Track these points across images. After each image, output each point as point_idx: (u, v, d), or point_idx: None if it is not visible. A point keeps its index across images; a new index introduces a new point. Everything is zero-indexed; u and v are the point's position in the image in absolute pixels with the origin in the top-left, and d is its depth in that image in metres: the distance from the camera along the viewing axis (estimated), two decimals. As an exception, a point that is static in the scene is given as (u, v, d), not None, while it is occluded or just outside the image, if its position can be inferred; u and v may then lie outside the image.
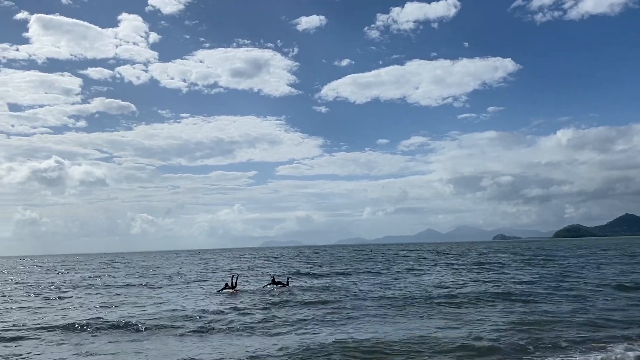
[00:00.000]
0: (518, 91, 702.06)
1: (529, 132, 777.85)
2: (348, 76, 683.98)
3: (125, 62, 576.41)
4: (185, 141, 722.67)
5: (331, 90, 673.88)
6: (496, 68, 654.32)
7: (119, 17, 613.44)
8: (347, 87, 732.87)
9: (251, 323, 18.52)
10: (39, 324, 19.04)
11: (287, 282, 32.16)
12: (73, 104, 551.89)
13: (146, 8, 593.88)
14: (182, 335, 16.66)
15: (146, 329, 17.56)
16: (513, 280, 32.20)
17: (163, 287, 34.05)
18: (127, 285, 36.96)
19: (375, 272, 43.80)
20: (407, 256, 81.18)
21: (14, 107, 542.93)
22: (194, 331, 17.22)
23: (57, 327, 18.32)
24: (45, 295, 31.06)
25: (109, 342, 15.78)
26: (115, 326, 18.10)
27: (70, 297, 29.60)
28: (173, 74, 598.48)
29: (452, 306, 21.52)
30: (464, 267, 47.46)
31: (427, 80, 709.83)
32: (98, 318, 19.88)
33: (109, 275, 49.86)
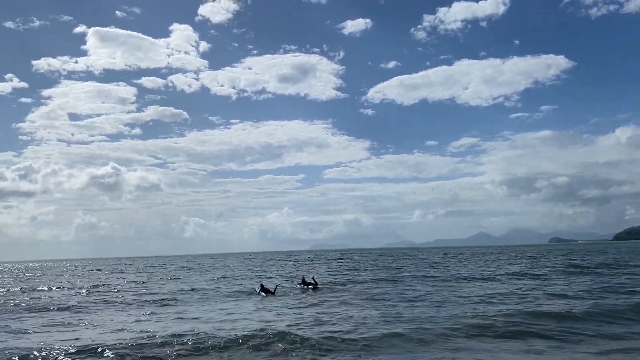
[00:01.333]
0: (573, 89, 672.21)
1: (585, 131, 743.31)
2: (395, 78, 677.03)
3: (177, 71, 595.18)
4: (235, 146, 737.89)
5: (378, 92, 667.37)
6: (549, 66, 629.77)
7: (171, 28, 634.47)
8: (394, 89, 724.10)
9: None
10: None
11: (316, 283, 33.20)
12: (128, 112, 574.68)
13: (196, 18, 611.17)
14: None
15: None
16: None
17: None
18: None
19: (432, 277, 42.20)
20: (456, 257, 79.37)
21: (73, 117, 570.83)
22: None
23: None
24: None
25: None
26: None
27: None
28: (223, 81, 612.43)
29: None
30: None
31: (477, 80, 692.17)
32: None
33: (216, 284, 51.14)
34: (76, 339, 16.91)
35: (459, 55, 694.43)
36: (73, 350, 14.80)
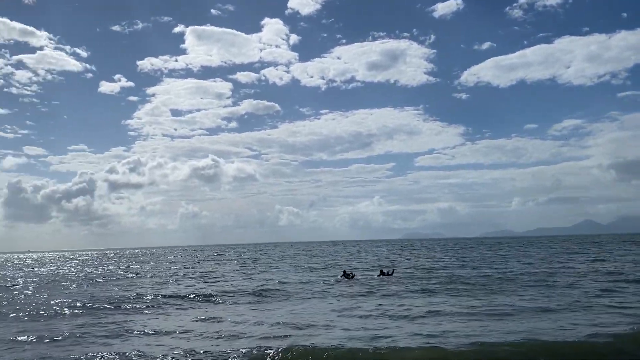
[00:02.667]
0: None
1: None
2: (489, 59, 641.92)
3: (269, 64, 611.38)
4: (326, 136, 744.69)
5: (471, 75, 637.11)
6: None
7: (262, 22, 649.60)
8: (489, 71, 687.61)
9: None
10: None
11: (393, 272, 35.09)
12: (225, 107, 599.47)
13: (286, 11, 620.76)
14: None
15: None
16: None
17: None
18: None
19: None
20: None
21: (175, 113, 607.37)
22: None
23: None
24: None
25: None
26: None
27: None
28: (312, 72, 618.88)
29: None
30: None
31: (580, 57, 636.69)
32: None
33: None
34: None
35: (559, 33, 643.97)
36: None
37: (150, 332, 16.33)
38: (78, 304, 23.10)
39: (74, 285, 34.76)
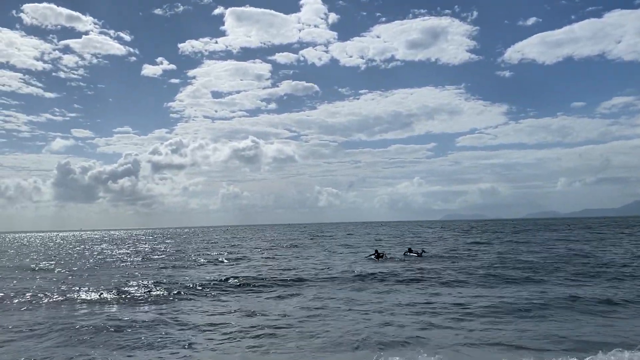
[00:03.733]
0: None
1: None
2: (535, 36, 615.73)
3: (307, 45, 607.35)
4: (365, 117, 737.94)
5: (516, 52, 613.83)
6: None
7: (301, 2, 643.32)
8: (534, 47, 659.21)
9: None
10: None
11: (422, 253, 36.02)
12: (264, 88, 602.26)
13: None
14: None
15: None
16: None
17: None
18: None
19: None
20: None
21: (216, 95, 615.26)
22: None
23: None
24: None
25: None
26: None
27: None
28: (351, 52, 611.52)
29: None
30: None
31: (632, 31, 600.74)
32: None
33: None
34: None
35: (609, 6, 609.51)
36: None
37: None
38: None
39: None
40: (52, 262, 40.53)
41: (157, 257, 44.34)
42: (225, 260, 37.56)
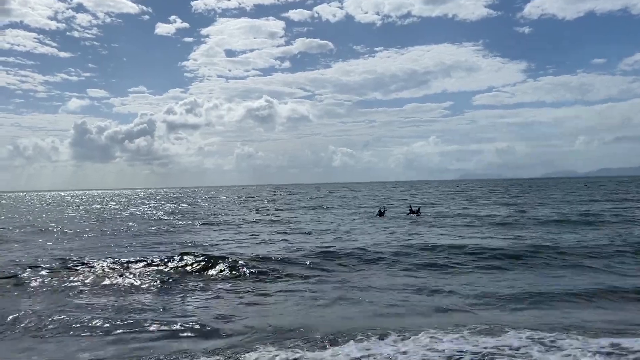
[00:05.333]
0: None
1: None
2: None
3: (322, 0, 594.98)
4: (380, 75, 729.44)
5: (535, 7, 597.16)
6: None
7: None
8: (555, 2, 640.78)
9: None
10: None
11: (419, 211, 37.72)
12: (278, 46, 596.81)
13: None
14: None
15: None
16: None
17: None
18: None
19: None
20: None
21: (229, 53, 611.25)
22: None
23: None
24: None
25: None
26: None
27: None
28: (367, 7, 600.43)
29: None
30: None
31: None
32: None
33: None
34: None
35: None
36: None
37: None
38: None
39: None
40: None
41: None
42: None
